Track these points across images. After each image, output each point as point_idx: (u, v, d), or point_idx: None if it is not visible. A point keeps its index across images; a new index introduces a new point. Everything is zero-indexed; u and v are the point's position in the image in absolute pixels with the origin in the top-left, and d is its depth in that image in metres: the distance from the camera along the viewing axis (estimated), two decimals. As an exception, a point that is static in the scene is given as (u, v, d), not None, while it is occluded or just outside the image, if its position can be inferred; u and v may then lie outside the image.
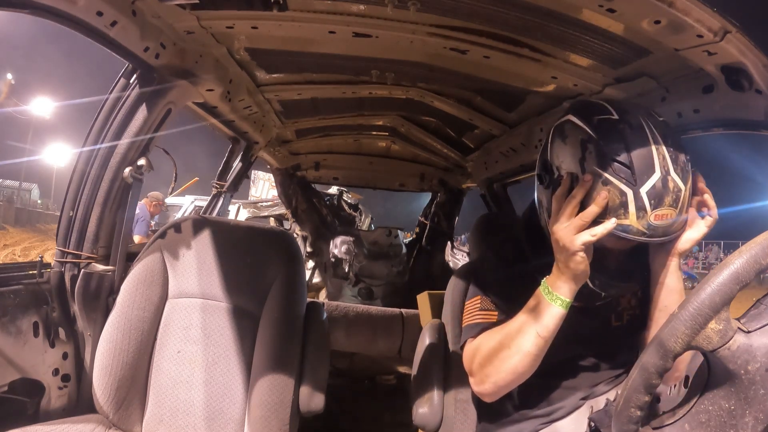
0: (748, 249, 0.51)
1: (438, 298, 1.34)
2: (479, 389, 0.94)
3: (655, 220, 0.78)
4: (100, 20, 1.04)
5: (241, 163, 2.36)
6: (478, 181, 2.78)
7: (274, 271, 1.30)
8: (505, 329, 0.90)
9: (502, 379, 0.90)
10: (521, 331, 0.87)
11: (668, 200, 0.78)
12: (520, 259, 1.01)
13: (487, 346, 0.92)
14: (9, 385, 1.11)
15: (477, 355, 0.93)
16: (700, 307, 0.51)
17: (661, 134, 0.81)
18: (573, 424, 0.94)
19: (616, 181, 0.79)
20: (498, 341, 0.90)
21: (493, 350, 0.90)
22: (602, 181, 0.80)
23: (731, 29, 0.86)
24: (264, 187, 7.97)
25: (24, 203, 30.36)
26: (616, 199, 0.79)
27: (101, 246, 1.29)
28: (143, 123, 1.27)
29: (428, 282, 2.71)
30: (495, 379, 0.90)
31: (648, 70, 1.15)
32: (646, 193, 0.78)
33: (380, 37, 1.27)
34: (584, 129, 0.84)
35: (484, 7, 1.07)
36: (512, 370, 0.88)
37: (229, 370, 1.24)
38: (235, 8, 1.16)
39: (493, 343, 0.91)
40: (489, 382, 0.92)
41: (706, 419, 0.52)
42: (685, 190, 0.80)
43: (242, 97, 1.74)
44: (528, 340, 0.85)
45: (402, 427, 2.06)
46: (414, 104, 2.07)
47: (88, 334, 1.26)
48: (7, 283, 1.15)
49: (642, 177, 0.78)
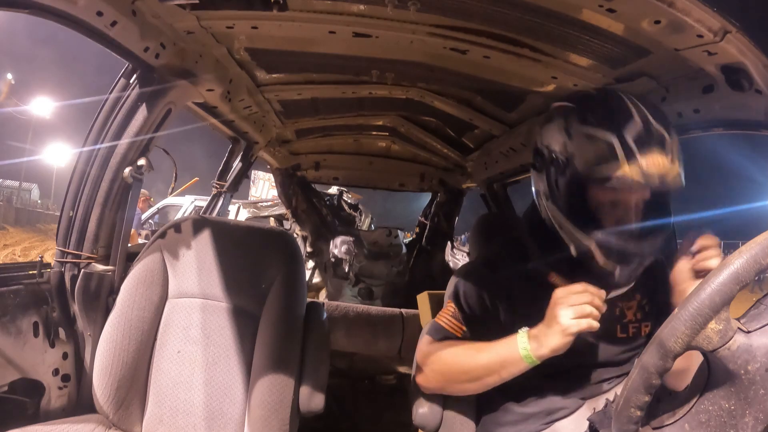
0: (748, 249, 0.51)
1: (438, 298, 1.34)
2: (422, 383, 1.02)
3: (647, 167, 0.79)
4: (100, 20, 1.04)
5: (241, 163, 2.36)
6: (478, 181, 2.77)
7: (274, 271, 1.30)
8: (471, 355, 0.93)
9: (450, 389, 1.00)
10: (487, 368, 0.91)
11: (655, 146, 0.79)
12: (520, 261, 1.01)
13: (449, 361, 0.96)
14: (9, 385, 1.11)
15: (435, 361, 0.98)
16: (700, 307, 0.51)
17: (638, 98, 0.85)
18: (573, 424, 0.94)
19: (599, 133, 0.81)
20: (460, 364, 0.94)
21: (453, 368, 0.95)
22: (586, 136, 0.82)
23: (731, 29, 0.86)
24: (264, 187, 7.98)
25: (24, 203, 30.37)
26: (605, 151, 0.80)
27: (101, 246, 1.29)
28: (143, 123, 1.26)
29: (428, 282, 2.71)
30: (443, 386, 0.99)
31: (648, 70, 1.15)
32: (631, 137, 0.79)
33: (380, 37, 1.27)
34: (566, 104, 0.90)
35: (484, 7, 1.07)
36: (463, 389, 0.98)
37: (229, 370, 1.24)
38: (235, 8, 1.16)
39: (455, 363, 0.95)
40: (435, 386, 1.01)
41: (706, 419, 0.53)
42: (671, 140, 0.82)
43: (242, 97, 1.74)
44: (491, 377, 0.91)
45: (402, 427, 2.05)
46: (414, 104, 2.07)
47: (88, 334, 1.26)
48: (7, 283, 1.15)
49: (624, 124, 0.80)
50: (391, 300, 3.25)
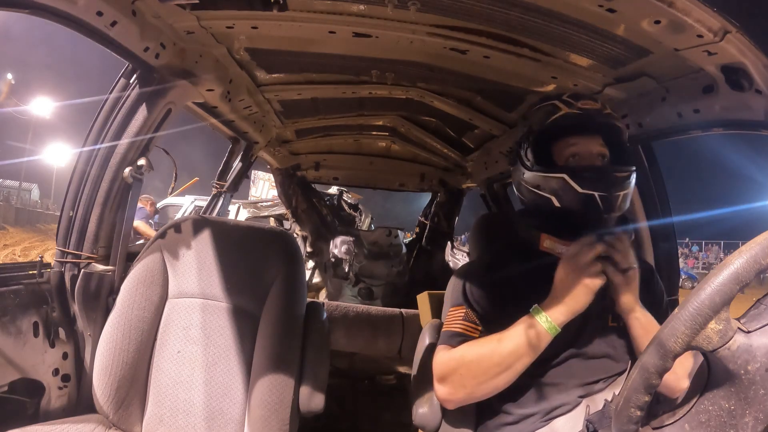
0: (748, 249, 0.51)
1: (438, 298, 1.34)
2: (450, 397, 0.97)
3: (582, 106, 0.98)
4: (100, 20, 1.04)
5: (241, 163, 2.36)
6: (478, 181, 2.78)
7: (274, 271, 1.30)
8: (494, 346, 0.93)
9: (480, 391, 0.95)
10: (514, 353, 0.91)
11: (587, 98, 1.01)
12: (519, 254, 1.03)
13: (474, 359, 0.94)
14: (9, 385, 1.11)
15: (460, 366, 0.95)
16: (700, 307, 0.51)
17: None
18: (571, 422, 0.95)
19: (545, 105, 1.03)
20: (489, 358, 0.93)
21: (483, 365, 0.93)
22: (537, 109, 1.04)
23: (731, 29, 0.86)
24: (264, 187, 7.97)
25: (24, 203, 30.37)
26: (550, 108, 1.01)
27: (101, 246, 1.29)
28: (143, 123, 1.27)
29: (428, 282, 2.71)
30: (472, 390, 0.95)
31: (648, 70, 1.16)
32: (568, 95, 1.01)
33: (380, 37, 1.27)
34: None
35: (484, 7, 1.07)
36: (494, 385, 0.94)
37: (229, 370, 1.24)
38: (235, 8, 1.16)
39: (483, 359, 0.93)
40: (465, 392, 0.96)
41: (706, 419, 0.52)
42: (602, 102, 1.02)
43: (242, 97, 1.74)
44: (520, 361, 0.91)
45: (402, 427, 2.06)
46: (414, 104, 2.07)
47: (88, 334, 1.26)
48: (7, 283, 1.15)
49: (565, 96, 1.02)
50: (391, 300, 3.25)
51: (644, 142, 1.38)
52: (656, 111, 1.22)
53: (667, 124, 1.22)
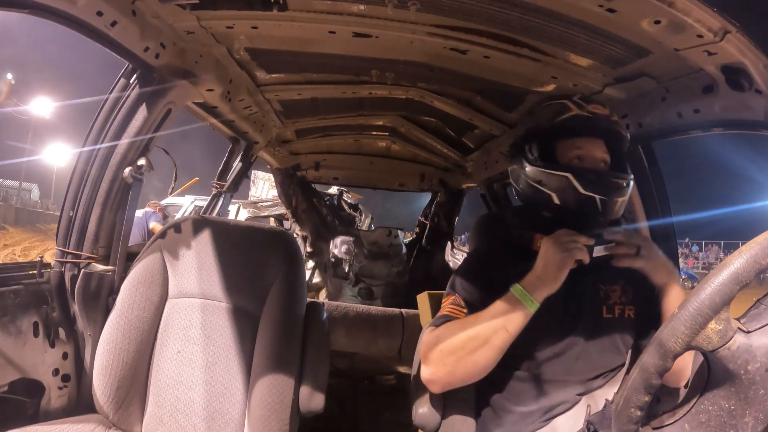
0: (748, 249, 0.51)
1: (438, 298, 1.34)
2: (432, 376, 0.96)
3: (592, 109, 1.00)
4: (100, 20, 1.04)
5: (241, 163, 2.36)
6: (478, 181, 2.78)
7: (274, 271, 1.30)
8: (471, 320, 0.94)
9: (461, 370, 0.93)
10: (491, 326, 0.91)
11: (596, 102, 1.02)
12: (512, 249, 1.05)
13: (453, 335, 0.94)
14: (9, 385, 1.11)
15: (439, 343, 0.95)
16: (700, 307, 0.51)
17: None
18: (571, 420, 0.95)
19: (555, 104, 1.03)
20: (465, 332, 0.93)
21: (459, 340, 0.93)
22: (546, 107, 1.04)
23: (731, 29, 0.86)
24: (264, 187, 7.97)
25: (24, 203, 30.37)
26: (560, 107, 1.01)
27: (101, 246, 1.29)
28: (143, 123, 1.27)
29: (428, 282, 2.71)
30: (454, 368, 0.94)
31: (648, 70, 1.16)
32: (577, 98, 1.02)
33: (380, 37, 1.27)
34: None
35: (484, 7, 1.07)
36: (474, 362, 0.92)
37: (229, 370, 1.24)
38: (235, 8, 1.16)
39: (459, 333, 0.93)
40: (445, 370, 0.94)
41: (706, 419, 0.53)
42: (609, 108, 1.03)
43: (242, 97, 1.74)
44: (497, 335, 0.91)
45: (402, 427, 2.05)
46: (414, 104, 2.07)
47: (88, 334, 1.26)
48: (7, 283, 1.15)
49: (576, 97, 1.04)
50: (391, 300, 3.25)
51: (644, 142, 1.38)
52: (656, 111, 1.22)
53: (667, 124, 1.22)
